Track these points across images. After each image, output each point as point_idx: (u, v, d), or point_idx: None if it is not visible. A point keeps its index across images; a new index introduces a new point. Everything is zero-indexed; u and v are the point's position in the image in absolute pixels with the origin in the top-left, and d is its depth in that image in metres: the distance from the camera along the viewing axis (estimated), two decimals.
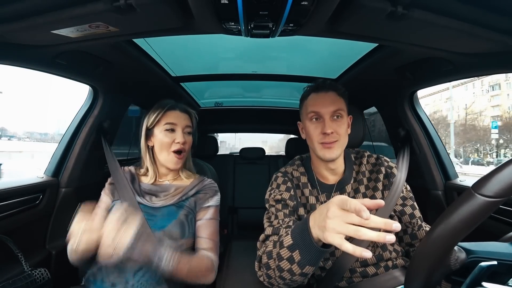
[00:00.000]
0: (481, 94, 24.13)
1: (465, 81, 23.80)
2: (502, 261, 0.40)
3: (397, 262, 0.81)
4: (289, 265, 0.62)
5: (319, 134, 0.82)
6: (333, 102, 0.82)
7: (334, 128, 0.80)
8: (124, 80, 1.18)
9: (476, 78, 21.79)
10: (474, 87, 24.83)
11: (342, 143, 0.83)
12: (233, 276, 0.89)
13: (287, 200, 0.83)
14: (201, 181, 0.96)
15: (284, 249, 0.63)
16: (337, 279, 0.79)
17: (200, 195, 0.93)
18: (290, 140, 2.06)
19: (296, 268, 0.61)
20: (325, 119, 0.81)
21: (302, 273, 0.61)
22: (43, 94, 79.90)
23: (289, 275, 0.63)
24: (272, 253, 0.69)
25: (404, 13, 0.58)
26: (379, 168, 0.88)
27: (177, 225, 0.85)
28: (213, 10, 0.60)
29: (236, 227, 2.15)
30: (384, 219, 0.44)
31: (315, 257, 0.58)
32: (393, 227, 0.42)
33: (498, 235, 0.51)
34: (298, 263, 0.60)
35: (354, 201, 0.47)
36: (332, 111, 0.81)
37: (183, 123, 0.93)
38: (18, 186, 0.95)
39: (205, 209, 0.91)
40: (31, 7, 0.60)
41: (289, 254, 0.62)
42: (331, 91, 0.83)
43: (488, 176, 0.34)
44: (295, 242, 0.60)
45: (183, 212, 0.88)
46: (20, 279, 0.83)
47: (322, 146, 0.82)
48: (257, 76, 1.55)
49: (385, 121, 1.44)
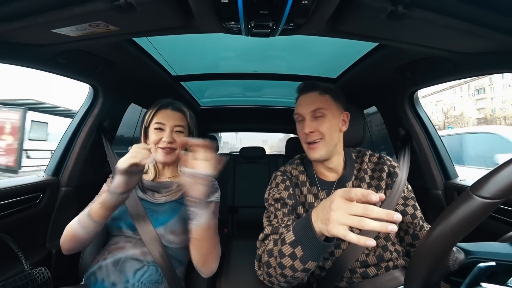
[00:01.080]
0: (467, 98, 25.50)
1: (453, 85, 25.32)
2: (501, 261, 0.40)
3: (398, 263, 0.81)
4: (291, 261, 0.62)
5: (303, 135, 0.85)
6: (313, 102, 0.84)
7: (314, 127, 0.82)
8: (124, 79, 1.18)
9: (463, 82, 23.79)
10: (461, 91, 26.14)
11: (328, 141, 0.83)
12: (233, 276, 0.89)
13: (285, 199, 0.83)
14: None
15: (286, 246, 0.63)
16: (337, 279, 0.79)
17: None
18: (290, 140, 2.06)
19: (299, 264, 0.61)
20: (305, 119, 0.84)
21: (305, 268, 0.61)
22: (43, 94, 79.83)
23: (291, 271, 0.63)
24: (273, 251, 0.69)
25: (405, 12, 0.58)
26: (382, 167, 0.88)
27: (180, 221, 0.85)
28: (213, 9, 0.60)
29: (236, 226, 2.15)
30: (386, 210, 0.45)
31: (318, 251, 0.59)
32: (394, 218, 0.43)
33: (497, 235, 0.51)
34: (301, 258, 0.60)
35: (359, 188, 0.49)
36: (311, 110, 0.83)
37: (172, 123, 0.92)
38: (19, 185, 0.95)
39: None
40: (31, 6, 0.60)
41: (291, 250, 0.62)
42: (312, 91, 0.85)
43: (485, 177, 0.34)
44: (297, 238, 0.61)
45: (184, 208, 0.88)
46: (20, 278, 0.83)
47: (307, 146, 0.85)
48: (257, 76, 1.55)
49: (385, 120, 1.44)
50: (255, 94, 2.05)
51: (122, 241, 0.84)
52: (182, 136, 0.94)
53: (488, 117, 22.37)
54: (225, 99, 2.16)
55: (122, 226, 0.85)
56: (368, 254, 0.81)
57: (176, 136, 0.93)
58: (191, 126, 0.99)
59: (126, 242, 0.83)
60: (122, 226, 0.85)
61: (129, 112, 1.44)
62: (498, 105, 21.58)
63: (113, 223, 0.86)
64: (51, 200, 1.09)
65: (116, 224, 0.85)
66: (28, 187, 0.99)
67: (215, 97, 2.11)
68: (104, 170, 1.29)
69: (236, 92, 2.02)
